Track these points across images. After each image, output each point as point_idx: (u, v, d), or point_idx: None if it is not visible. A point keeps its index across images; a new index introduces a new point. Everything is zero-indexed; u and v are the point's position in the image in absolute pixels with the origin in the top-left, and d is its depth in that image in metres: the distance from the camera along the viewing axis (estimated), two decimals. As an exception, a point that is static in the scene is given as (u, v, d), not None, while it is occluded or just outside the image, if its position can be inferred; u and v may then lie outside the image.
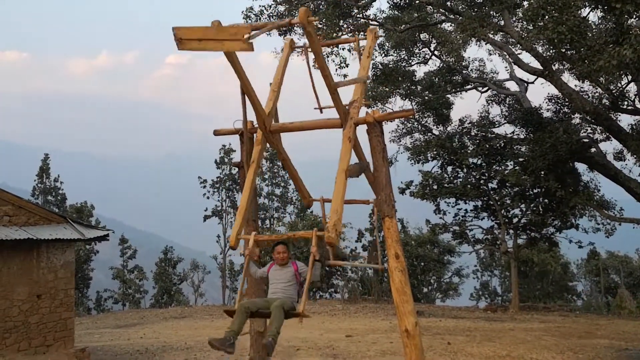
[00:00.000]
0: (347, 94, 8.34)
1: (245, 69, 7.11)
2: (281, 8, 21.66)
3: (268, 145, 8.95)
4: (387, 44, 25.58)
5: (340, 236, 7.52)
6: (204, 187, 38.54)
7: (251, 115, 8.70)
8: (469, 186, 26.18)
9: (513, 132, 26.12)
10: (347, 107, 8.04)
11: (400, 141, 28.02)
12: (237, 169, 10.09)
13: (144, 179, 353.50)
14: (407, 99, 26.71)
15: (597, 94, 21.36)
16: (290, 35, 21.56)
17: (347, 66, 22.40)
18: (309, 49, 8.57)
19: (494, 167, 26.11)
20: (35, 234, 11.45)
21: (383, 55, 25.97)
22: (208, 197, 38.52)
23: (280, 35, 22.42)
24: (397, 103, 26.54)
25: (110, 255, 51.69)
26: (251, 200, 8.41)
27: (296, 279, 7.28)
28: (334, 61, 22.38)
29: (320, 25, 20.02)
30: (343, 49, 22.25)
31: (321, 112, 8.87)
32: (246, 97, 7.81)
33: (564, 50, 16.50)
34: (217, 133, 8.89)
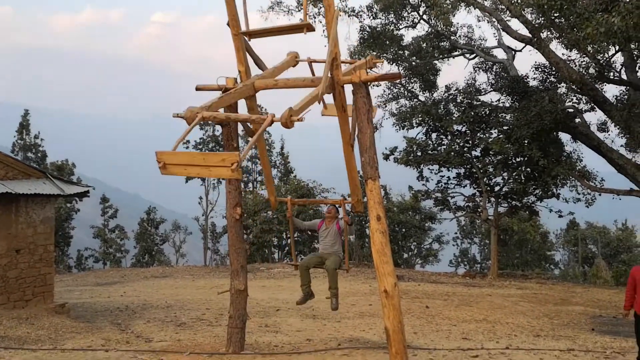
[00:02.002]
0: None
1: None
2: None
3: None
4: (376, 6, 25.23)
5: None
6: (187, 148, 38.17)
7: (233, 72, 8.61)
8: (452, 153, 26.16)
9: (499, 100, 26.08)
10: (329, 75, 7.84)
11: (386, 106, 27.90)
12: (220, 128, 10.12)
13: (128, 139, 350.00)
14: (394, 64, 26.50)
15: (584, 63, 21.32)
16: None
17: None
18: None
19: (478, 134, 26.09)
20: (13, 188, 11.28)
21: (371, 18, 25.66)
22: (191, 158, 38.21)
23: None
24: (384, 68, 26.31)
25: (91, 215, 51.46)
26: (269, 163, 9.70)
27: (339, 235, 9.42)
28: (321, 22, 22.09)
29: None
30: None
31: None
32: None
33: (553, 18, 16.38)
34: (199, 88, 8.73)
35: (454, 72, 29.72)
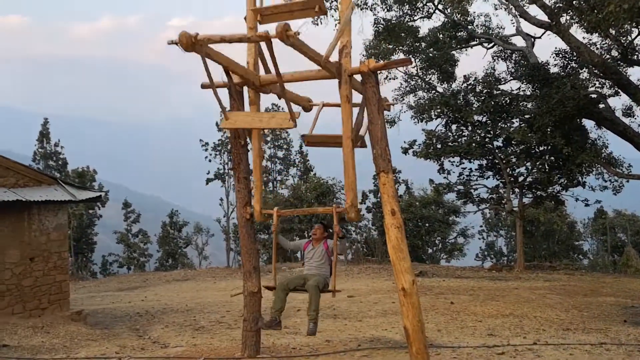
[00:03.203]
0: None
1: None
2: None
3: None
4: (390, -2, 24.85)
5: (360, 212, 8.16)
6: (206, 150, 38.24)
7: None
8: (473, 144, 25.64)
9: (519, 89, 25.50)
10: (338, 61, 7.54)
11: (403, 100, 27.46)
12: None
13: (149, 143, 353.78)
14: (410, 56, 26.03)
15: (605, 46, 20.67)
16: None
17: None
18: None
19: (500, 124, 25.52)
20: (24, 195, 11.15)
21: (385, 10, 25.26)
22: (210, 160, 38.24)
23: None
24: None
25: (116, 220, 51.84)
26: (261, 168, 8.63)
27: (327, 255, 8.21)
28: (332, 16, 21.78)
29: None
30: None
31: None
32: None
33: (572, 0, 15.84)
34: (204, 86, 8.46)
35: (472, 62, 29.17)
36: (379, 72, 7.83)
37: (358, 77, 7.83)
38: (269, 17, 7.69)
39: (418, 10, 25.63)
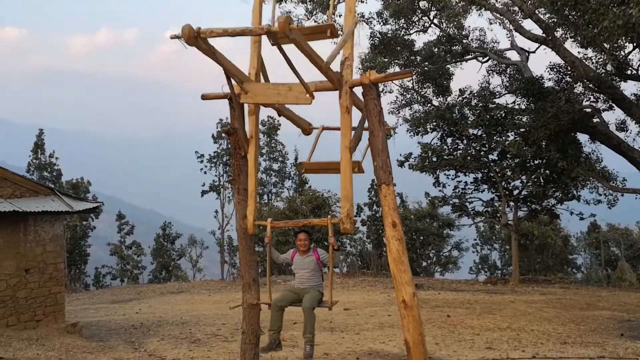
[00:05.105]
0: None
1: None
2: None
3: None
4: (386, 12, 24.99)
5: (355, 224, 7.80)
6: (201, 162, 38.13)
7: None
8: (469, 158, 25.71)
9: (514, 102, 25.64)
10: (339, 72, 7.56)
11: (399, 113, 27.58)
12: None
13: (143, 155, 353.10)
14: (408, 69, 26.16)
15: (600, 61, 20.84)
16: None
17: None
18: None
19: (495, 138, 25.61)
20: (21, 206, 11.08)
21: (381, 24, 25.42)
22: (205, 172, 38.11)
23: None
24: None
25: (109, 232, 51.52)
26: (256, 179, 8.33)
27: (319, 266, 8.00)
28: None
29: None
30: (340, 16, 21.66)
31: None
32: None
33: (567, 15, 15.99)
34: (204, 97, 8.45)
35: (467, 75, 29.36)
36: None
37: (357, 90, 7.82)
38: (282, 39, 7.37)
39: (414, 24, 25.79)
